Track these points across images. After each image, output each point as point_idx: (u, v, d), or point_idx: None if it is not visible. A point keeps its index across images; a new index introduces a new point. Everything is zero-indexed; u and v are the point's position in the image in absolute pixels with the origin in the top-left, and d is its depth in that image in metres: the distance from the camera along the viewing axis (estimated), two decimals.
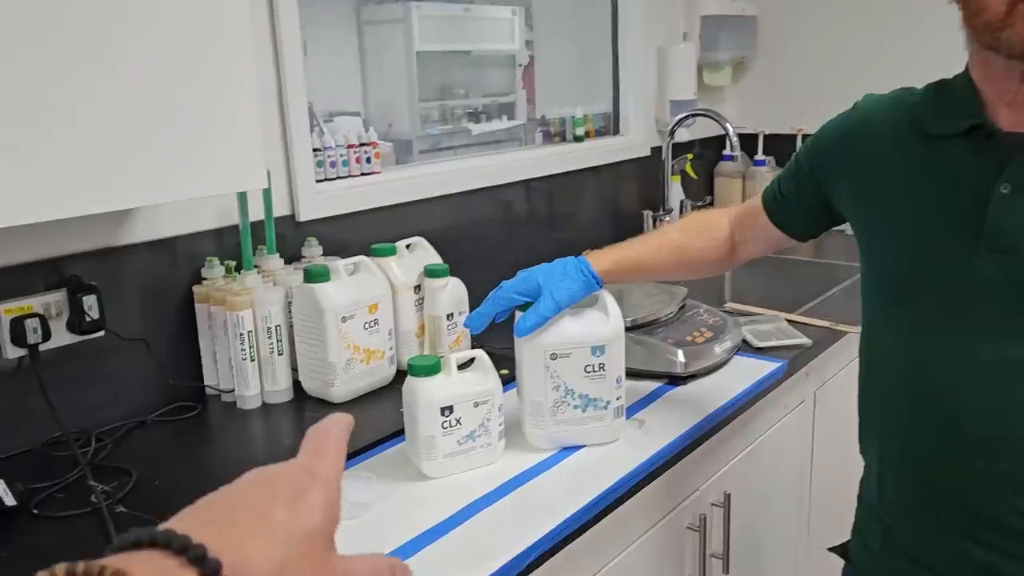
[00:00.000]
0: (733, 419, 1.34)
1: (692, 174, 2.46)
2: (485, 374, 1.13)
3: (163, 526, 0.36)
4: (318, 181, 1.61)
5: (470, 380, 1.12)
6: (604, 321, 1.15)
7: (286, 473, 0.42)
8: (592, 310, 1.17)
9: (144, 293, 1.35)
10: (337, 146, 1.65)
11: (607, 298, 1.17)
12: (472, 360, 1.14)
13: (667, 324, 1.48)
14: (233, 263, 1.39)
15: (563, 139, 2.29)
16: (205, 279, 1.40)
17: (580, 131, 2.24)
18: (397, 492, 1.07)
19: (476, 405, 1.11)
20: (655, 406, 1.32)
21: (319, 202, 1.58)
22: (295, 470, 0.43)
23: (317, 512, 0.41)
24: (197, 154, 1.07)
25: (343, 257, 1.52)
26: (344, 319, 1.32)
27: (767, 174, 2.61)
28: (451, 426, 1.09)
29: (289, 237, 1.54)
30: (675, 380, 1.40)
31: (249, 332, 1.32)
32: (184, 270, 1.40)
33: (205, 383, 1.40)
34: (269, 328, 1.34)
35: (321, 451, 0.45)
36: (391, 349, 1.42)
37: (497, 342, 1.40)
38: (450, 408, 1.09)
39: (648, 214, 2.15)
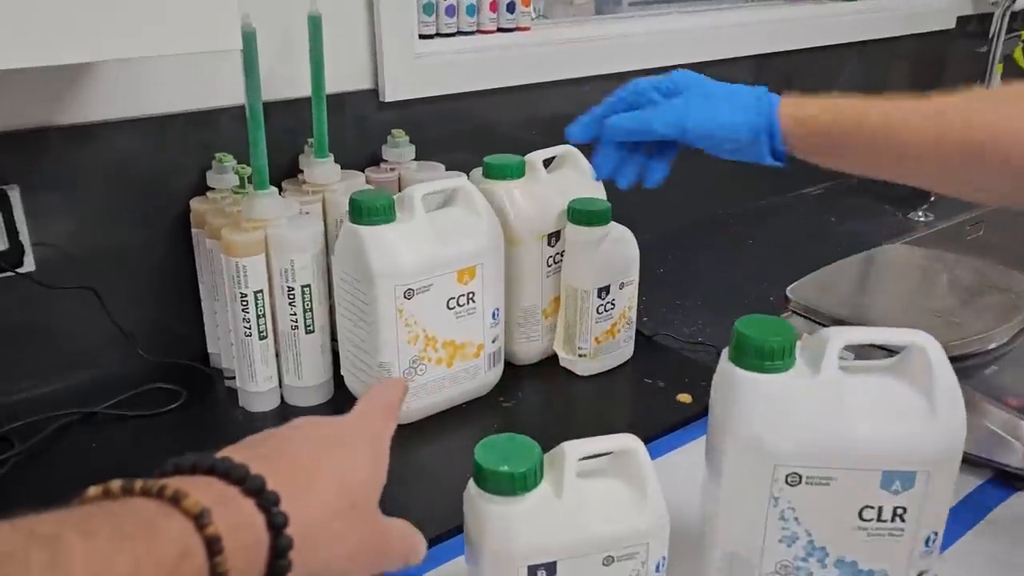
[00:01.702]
0: None
1: (1022, 62, 1.63)
2: (637, 489, 0.53)
3: (218, 455, 0.35)
4: (423, 36, 1.01)
5: (603, 501, 0.52)
6: (926, 414, 0.51)
7: (335, 424, 0.42)
8: (887, 376, 0.53)
9: (107, 207, 0.84)
10: None
11: (932, 354, 0.52)
12: (611, 451, 0.55)
13: (1000, 358, 0.80)
14: (249, 170, 0.84)
15: None
16: (211, 190, 0.86)
17: None
18: None
19: (608, 562, 0.52)
20: (970, 541, 0.68)
21: (418, 71, 0.98)
22: (346, 421, 0.43)
23: (366, 466, 0.41)
24: None
25: (447, 166, 0.95)
26: (409, 292, 0.76)
27: None
28: None
29: (371, 123, 0.97)
30: (1010, 478, 0.74)
31: (257, 293, 0.78)
32: (186, 173, 0.87)
33: (208, 354, 0.90)
34: (291, 288, 0.79)
35: (371, 411, 0.44)
36: (495, 340, 0.84)
37: (672, 326, 0.97)
38: (551, 568, 0.51)
39: None
